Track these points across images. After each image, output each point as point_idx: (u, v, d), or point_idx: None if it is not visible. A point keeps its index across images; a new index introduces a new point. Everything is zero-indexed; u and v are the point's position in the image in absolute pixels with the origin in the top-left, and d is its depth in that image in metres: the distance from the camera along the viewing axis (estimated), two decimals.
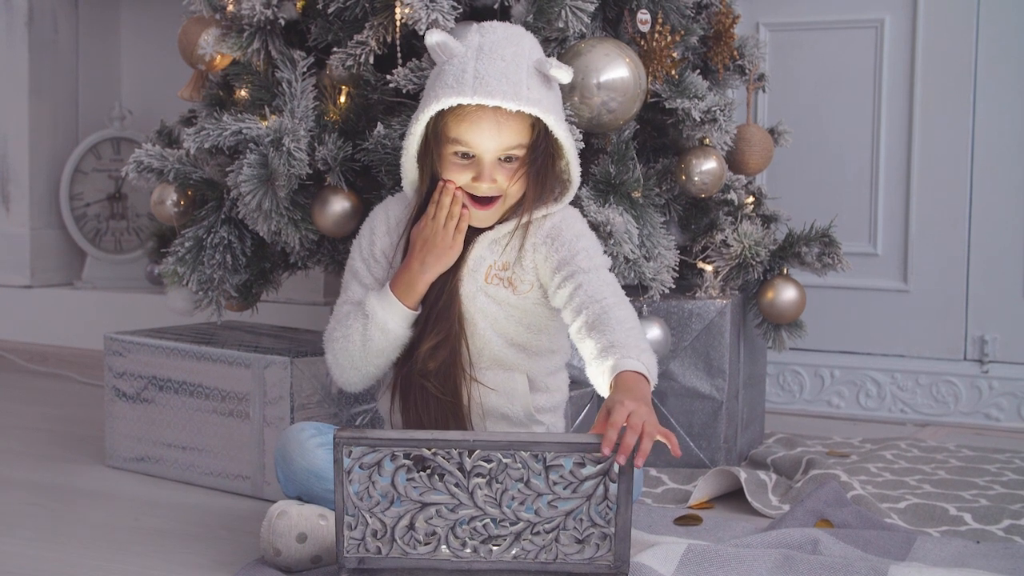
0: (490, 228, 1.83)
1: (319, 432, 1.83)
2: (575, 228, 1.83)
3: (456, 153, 1.77)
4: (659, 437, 1.52)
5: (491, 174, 1.76)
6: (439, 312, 1.81)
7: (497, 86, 1.72)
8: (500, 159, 1.77)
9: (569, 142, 1.80)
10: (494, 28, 1.81)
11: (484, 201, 1.79)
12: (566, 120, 1.88)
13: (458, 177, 1.78)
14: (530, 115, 1.76)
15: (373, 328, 1.81)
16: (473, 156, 1.77)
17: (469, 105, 1.73)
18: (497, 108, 1.73)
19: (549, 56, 1.84)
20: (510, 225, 1.83)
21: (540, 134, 1.78)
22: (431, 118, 1.77)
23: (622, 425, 1.51)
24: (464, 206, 1.79)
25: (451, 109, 1.75)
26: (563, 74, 1.78)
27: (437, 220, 1.79)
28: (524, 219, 1.81)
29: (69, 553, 1.86)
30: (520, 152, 1.77)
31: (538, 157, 1.79)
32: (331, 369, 1.88)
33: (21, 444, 2.61)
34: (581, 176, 1.87)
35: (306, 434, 1.82)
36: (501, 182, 1.77)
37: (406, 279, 1.81)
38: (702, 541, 1.83)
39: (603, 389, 1.66)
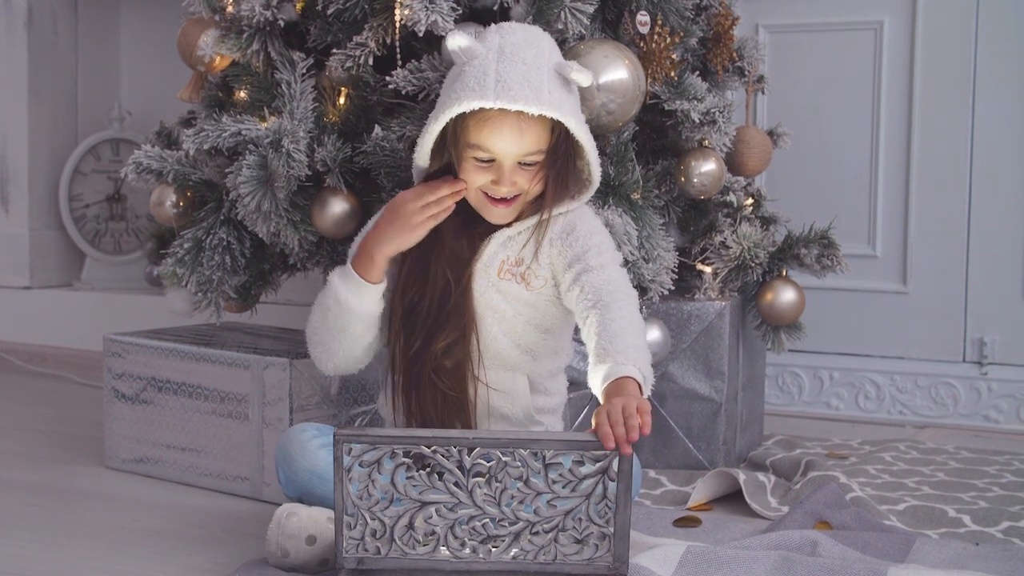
0: (507, 225, 1.83)
1: (320, 433, 1.83)
2: (589, 224, 1.83)
3: (476, 157, 1.76)
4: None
5: (511, 178, 1.76)
6: (452, 310, 1.80)
7: (519, 90, 1.71)
8: (520, 163, 1.76)
9: (590, 143, 1.80)
10: (514, 29, 1.80)
11: (504, 199, 1.79)
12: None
13: (477, 179, 1.77)
14: (549, 119, 1.75)
15: (329, 298, 1.81)
16: (493, 160, 1.76)
17: (490, 109, 1.72)
18: (519, 112, 1.72)
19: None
20: (527, 223, 1.82)
21: (560, 136, 1.78)
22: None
23: (618, 416, 1.53)
24: (479, 203, 1.79)
25: (472, 112, 1.74)
26: (583, 78, 1.78)
27: (419, 196, 1.78)
28: (545, 216, 1.80)
29: (68, 554, 1.86)
30: (540, 156, 1.77)
31: (558, 159, 1.79)
32: (309, 349, 1.87)
33: (20, 445, 2.61)
34: None
35: (308, 435, 1.82)
36: (521, 184, 1.77)
37: (364, 253, 1.80)
38: (701, 543, 1.83)
39: (598, 395, 1.67)
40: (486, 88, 1.72)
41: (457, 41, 1.76)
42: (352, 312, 1.80)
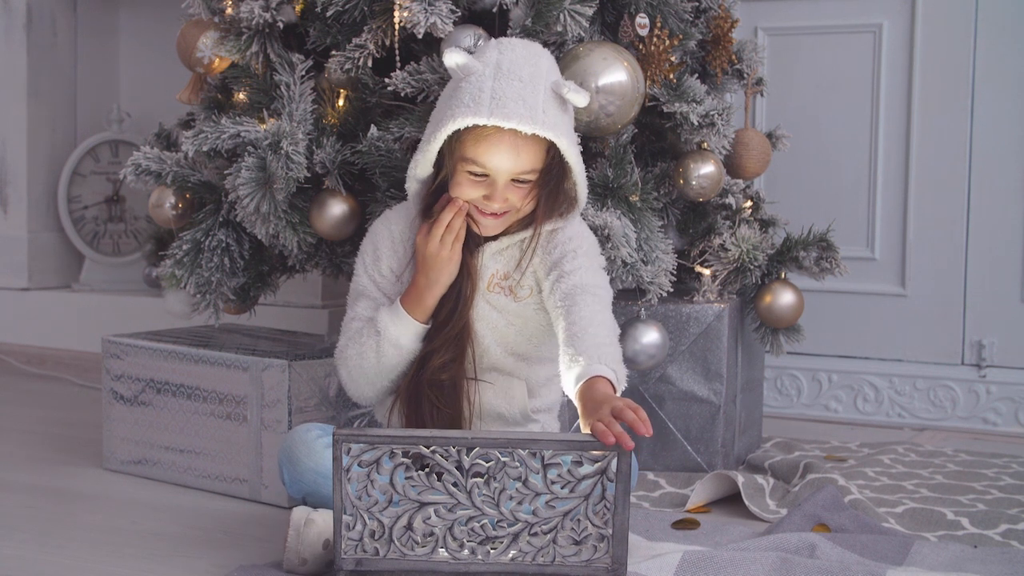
0: (494, 239, 1.83)
1: (324, 433, 1.83)
2: (570, 230, 1.84)
3: (470, 171, 1.77)
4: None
5: (503, 194, 1.77)
6: (451, 326, 1.82)
7: (514, 108, 1.71)
8: (513, 180, 1.77)
9: (578, 164, 1.80)
10: (513, 46, 1.81)
11: (493, 213, 1.79)
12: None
13: (469, 193, 1.78)
14: (545, 138, 1.75)
15: (386, 344, 1.82)
16: (486, 175, 1.76)
17: (487, 126, 1.73)
18: (514, 130, 1.73)
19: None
20: (515, 238, 1.83)
21: (554, 156, 1.78)
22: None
23: (611, 418, 1.53)
24: (468, 215, 1.80)
25: (469, 128, 1.74)
26: (580, 98, 1.77)
27: (434, 235, 1.80)
28: (535, 234, 1.81)
29: (66, 556, 1.85)
30: (534, 176, 1.78)
31: (551, 179, 1.79)
32: (346, 385, 1.89)
33: (18, 447, 2.60)
34: None
35: (312, 435, 1.82)
36: (513, 201, 1.78)
37: (415, 295, 1.82)
38: (699, 546, 1.83)
39: (571, 393, 1.67)
40: (481, 105, 1.72)
41: (454, 58, 1.76)
42: (408, 351, 1.84)
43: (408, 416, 1.85)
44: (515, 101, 1.72)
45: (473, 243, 1.83)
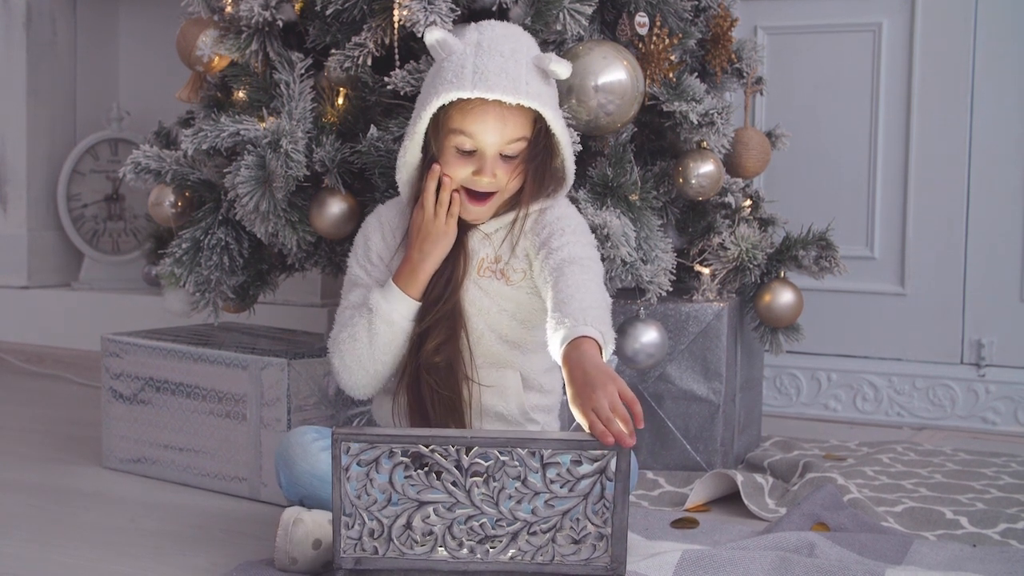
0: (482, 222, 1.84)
1: (321, 435, 1.83)
2: (558, 210, 1.85)
3: (457, 148, 1.78)
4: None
5: (492, 168, 1.77)
6: (442, 308, 1.82)
7: (497, 80, 1.73)
8: (501, 154, 1.77)
9: (566, 138, 1.82)
10: (492, 26, 1.83)
11: (480, 197, 1.80)
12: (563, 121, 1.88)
13: (458, 171, 1.79)
14: (531, 112, 1.77)
15: (378, 322, 1.82)
16: (474, 150, 1.77)
17: (473, 99, 1.74)
18: (500, 103, 1.74)
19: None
20: (503, 221, 1.84)
21: (540, 131, 1.79)
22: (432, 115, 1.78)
23: (609, 414, 1.52)
24: (456, 190, 1.80)
25: (454, 104, 1.75)
26: (562, 68, 1.79)
27: (427, 208, 1.81)
28: (522, 212, 1.82)
29: (65, 555, 1.86)
30: (521, 147, 1.78)
31: (538, 153, 1.80)
32: (339, 374, 1.88)
33: (18, 445, 2.60)
34: (578, 178, 1.88)
35: (308, 437, 1.82)
36: (501, 177, 1.78)
37: (407, 270, 1.82)
38: (698, 545, 1.83)
39: (556, 357, 1.65)
40: (463, 79, 1.74)
41: (434, 35, 1.79)
42: (400, 329, 1.83)
43: (410, 403, 1.84)
44: (497, 74, 1.74)
45: (464, 227, 1.84)
